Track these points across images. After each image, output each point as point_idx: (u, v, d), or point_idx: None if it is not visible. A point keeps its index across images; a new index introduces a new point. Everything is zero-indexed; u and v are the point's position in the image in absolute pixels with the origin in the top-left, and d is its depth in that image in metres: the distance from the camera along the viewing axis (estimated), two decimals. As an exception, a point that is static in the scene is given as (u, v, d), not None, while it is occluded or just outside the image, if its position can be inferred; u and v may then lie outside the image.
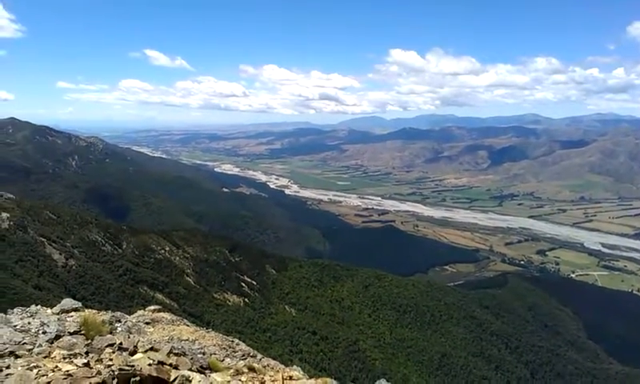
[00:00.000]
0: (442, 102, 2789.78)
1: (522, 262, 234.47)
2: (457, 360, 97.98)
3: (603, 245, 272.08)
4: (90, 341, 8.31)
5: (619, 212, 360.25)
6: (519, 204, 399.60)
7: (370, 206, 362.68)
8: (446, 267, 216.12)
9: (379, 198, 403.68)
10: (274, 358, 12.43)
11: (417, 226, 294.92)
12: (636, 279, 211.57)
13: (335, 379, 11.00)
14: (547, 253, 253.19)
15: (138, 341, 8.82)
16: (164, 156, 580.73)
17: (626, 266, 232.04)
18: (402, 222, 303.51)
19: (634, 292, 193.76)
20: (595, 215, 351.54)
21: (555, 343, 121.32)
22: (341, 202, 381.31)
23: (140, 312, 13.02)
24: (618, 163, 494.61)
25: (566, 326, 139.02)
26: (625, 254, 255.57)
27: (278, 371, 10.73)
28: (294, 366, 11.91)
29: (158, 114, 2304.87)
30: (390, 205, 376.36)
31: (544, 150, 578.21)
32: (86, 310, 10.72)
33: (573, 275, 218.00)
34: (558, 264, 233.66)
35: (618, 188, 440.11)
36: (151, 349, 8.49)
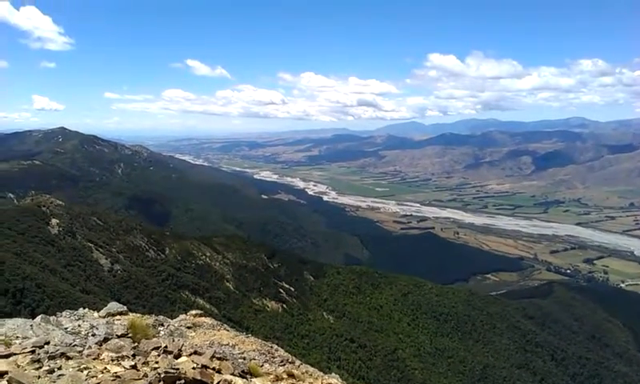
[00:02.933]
0: (483, 107, 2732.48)
1: (569, 271, 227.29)
2: (500, 371, 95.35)
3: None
4: (136, 344, 8.62)
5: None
6: (565, 211, 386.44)
7: (408, 213, 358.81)
8: (488, 276, 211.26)
9: (418, 205, 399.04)
10: (312, 365, 12.50)
11: (457, 233, 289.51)
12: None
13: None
14: (595, 261, 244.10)
15: (182, 345, 9.08)
16: (205, 163, 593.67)
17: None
18: (441, 229, 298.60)
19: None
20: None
21: (603, 355, 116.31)
22: (379, 208, 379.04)
23: (182, 316, 13.36)
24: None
25: (614, 338, 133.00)
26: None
27: (316, 378, 10.79)
28: (333, 374, 11.94)
29: (199, 123, 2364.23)
30: (430, 211, 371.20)
31: (591, 154, 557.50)
32: (132, 314, 11.10)
33: (622, 285, 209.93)
34: (606, 273, 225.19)
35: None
36: (195, 353, 8.72)
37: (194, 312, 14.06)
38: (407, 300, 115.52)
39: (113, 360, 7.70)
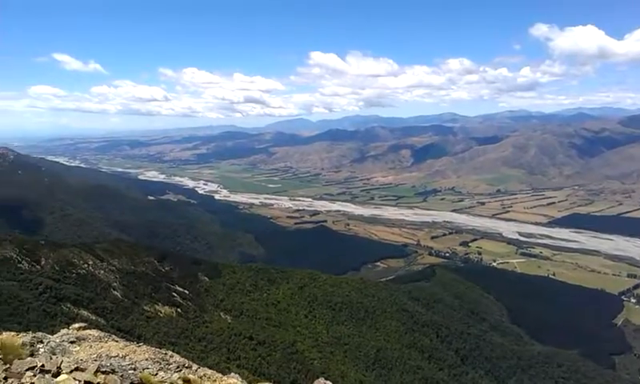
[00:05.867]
0: (365, 103, 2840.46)
1: (448, 254, 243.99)
2: (392, 353, 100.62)
3: (520, 233, 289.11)
4: (8, 365, 7.66)
5: (533, 202, 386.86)
6: (442, 199, 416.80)
7: (301, 208, 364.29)
8: (378, 263, 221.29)
9: (310, 199, 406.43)
10: (210, 368, 12.07)
11: (348, 225, 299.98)
12: (551, 264, 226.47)
13: (274, 383, 10.86)
14: (470, 244, 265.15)
15: (62, 361, 8.24)
16: (82, 165, 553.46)
17: (541, 253, 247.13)
18: (333, 222, 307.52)
19: (550, 276, 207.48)
20: (511, 206, 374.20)
21: (482, 329, 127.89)
22: (272, 204, 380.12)
23: (64, 331, 12.16)
24: (529, 157, 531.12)
25: (490, 312, 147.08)
26: (540, 241, 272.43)
27: (215, 380, 10.44)
28: (232, 374, 11.63)
29: (73, 121, 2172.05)
30: (321, 205, 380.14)
31: (462, 146, 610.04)
32: (4, 333, 9.90)
33: (494, 263, 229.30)
34: (480, 254, 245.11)
35: (530, 180, 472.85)
36: (76, 369, 7.96)
37: (77, 325, 12.88)
38: (303, 293, 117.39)
39: (-21, 387, 6.78)
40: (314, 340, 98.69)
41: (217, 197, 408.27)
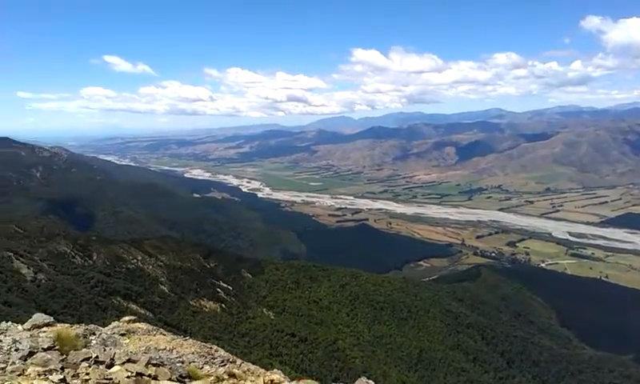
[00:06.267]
0: (408, 100, 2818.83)
1: (494, 254, 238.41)
2: (435, 354, 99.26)
3: (570, 234, 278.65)
4: (64, 356, 8.06)
5: (584, 201, 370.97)
6: (488, 197, 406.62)
7: (343, 206, 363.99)
8: (421, 263, 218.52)
9: (352, 197, 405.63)
10: (253, 363, 12.27)
11: (390, 224, 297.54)
12: (604, 266, 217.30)
13: (316, 380, 10.95)
14: (517, 244, 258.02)
15: (115, 353, 8.60)
16: (132, 163, 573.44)
17: (593, 254, 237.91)
18: (375, 220, 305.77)
19: (602, 278, 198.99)
20: (561, 205, 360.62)
21: (529, 332, 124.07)
22: (314, 202, 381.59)
23: (114, 323, 12.68)
24: (580, 154, 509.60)
25: (538, 315, 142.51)
26: (592, 241, 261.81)
27: (258, 376, 10.62)
28: (275, 370, 11.80)
29: (123, 121, 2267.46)
30: (363, 203, 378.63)
31: (509, 143, 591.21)
32: (59, 325, 10.41)
33: (543, 264, 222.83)
34: (528, 254, 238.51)
35: (581, 178, 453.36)
36: (128, 360, 8.29)
37: (127, 318, 13.39)
38: (345, 291, 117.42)
39: (40, 375, 7.15)
40: (356, 338, 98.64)
41: (259, 195, 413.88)
